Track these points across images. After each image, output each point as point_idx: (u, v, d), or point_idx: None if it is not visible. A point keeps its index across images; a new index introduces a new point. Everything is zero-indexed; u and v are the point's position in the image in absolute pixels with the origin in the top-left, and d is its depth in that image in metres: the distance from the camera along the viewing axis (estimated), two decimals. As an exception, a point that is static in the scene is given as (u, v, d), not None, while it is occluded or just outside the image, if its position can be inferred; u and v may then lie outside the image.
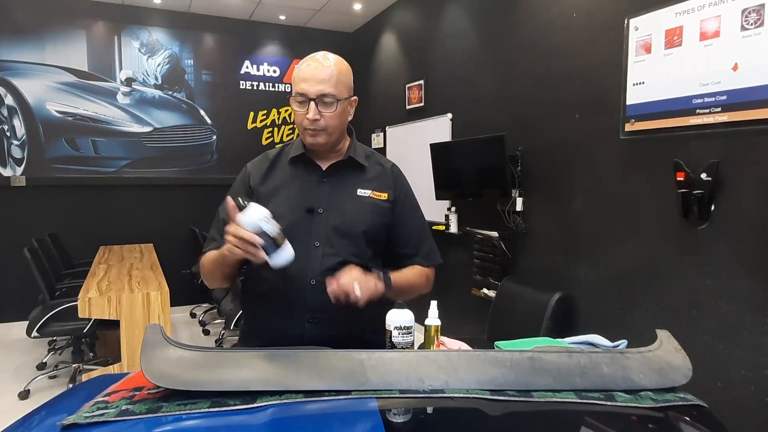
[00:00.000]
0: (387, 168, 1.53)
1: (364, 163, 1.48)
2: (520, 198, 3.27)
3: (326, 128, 1.37)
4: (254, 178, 1.48)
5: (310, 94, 1.34)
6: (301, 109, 1.36)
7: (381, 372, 0.94)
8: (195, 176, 5.41)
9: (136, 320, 3.05)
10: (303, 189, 1.44)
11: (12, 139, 4.73)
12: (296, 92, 1.36)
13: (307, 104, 1.35)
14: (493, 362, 0.97)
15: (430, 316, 1.28)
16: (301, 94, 1.35)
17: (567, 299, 2.84)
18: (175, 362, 0.92)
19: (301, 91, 1.34)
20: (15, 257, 3.87)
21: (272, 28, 5.69)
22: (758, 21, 1.97)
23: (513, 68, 3.41)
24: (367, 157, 1.51)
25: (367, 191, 1.46)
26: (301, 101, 1.35)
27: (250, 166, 1.52)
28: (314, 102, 1.34)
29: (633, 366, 0.98)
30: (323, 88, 1.34)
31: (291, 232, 1.36)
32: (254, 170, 1.50)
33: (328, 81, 1.35)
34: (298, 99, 1.36)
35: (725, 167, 2.12)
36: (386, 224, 1.47)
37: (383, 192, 1.47)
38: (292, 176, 1.46)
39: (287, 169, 1.48)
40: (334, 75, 1.36)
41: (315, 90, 1.34)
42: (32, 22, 4.75)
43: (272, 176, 1.47)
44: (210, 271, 1.45)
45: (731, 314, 2.14)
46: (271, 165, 1.49)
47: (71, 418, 0.82)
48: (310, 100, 1.34)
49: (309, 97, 1.34)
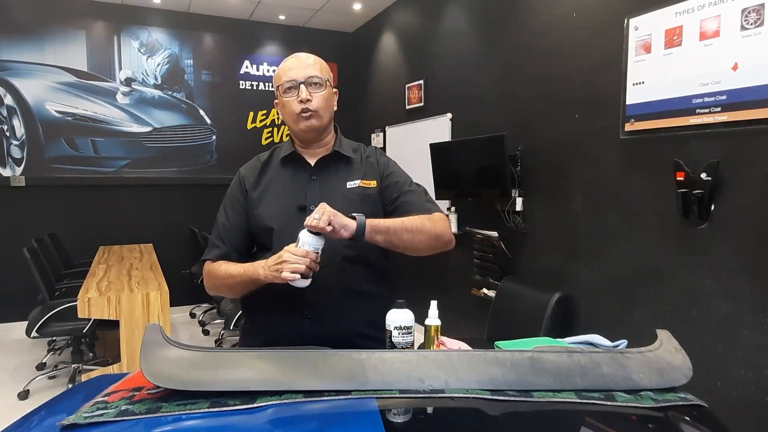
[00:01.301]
0: (372, 156, 1.53)
1: (351, 155, 1.50)
2: (519, 198, 3.27)
3: (317, 110, 1.41)
4: (248, 181, 1.50)
5: (299, 78, 1.40)
6: (291, 95, 1.40)
7: (381, 372, 0.94)
8: (194, 176, 5.41)
9: (136, 320, 3.04)
10: (293, 187, 1.46)
11: (11, 139, 4.73)
12: (284, 82, 1.41)
13: (297, 88, 1.39)
14: (493, 362, 0.97)
15: (430, 316, 1.28)
16: (289, 81, 1.40)
17: (567, 299, 2.84)
18: (175, 362, 0.92)
19: (290, 78, 1.40)
20: (14, 257, 3.87)
21: (272, 28, 5.69)
22: (758, 21, 1.97)
23: (513, 68, 3.41)
24: (354, 150, 1.53)
25: (356, 182, 1.47)
26: (290, 87, 1.40)
27: (243, 170, 1.54)
28: (303, 84, 1.39)
29: (633, 366, 0.98)
30: (310, 71, 1.41)
31: (284, 231, 1.38)
32: (248, 174, 1.52)
33: (313, 66, 1.43)
34: (286, 87, 1.41)
35: (725, 167, 2.12)
36: (380, 210, 1.47)
37: (372, 180, 1.48)
38: (283, 176, 1.48)
39: (278, 169, 1.50)
40: (317, 62, 1.45)
41: (303, 74, 1.40)
42: (32, 22, 4.74)
43: (264, 178, 1.50)
44: (226, 285, 1.44)
45: (731, 314, 2.14)
46: (263, 167, 1.51)
47: (71, 418, 0.82)
48: (300, 84, 1.39)
49: (298, 81, 1.39)
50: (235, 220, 1.49)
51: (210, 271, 1.47)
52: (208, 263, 1.49)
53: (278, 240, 1.39)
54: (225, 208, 1.52)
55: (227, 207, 1.52)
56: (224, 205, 1.53)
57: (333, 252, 1.36)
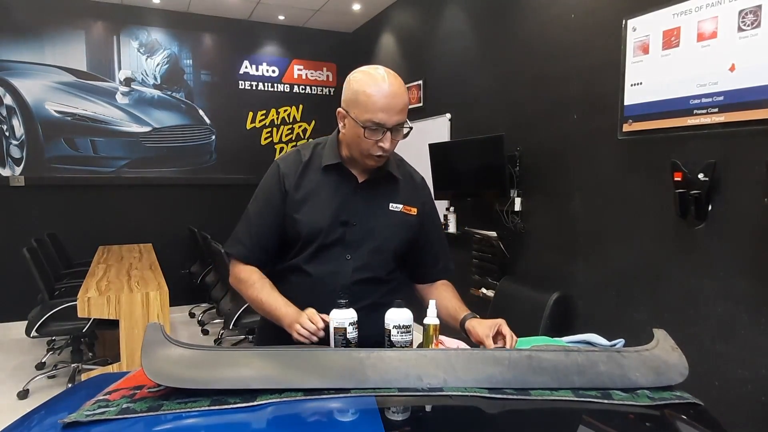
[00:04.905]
0: (417, 181, 1.53)
1: (398, 176, 1.46)
2: (518, 198, 3.27)
3: (389, 151, 1.37)
4: (289, 180, 1.43)
5: (388, 124, 1.30)
6: (374, 137, 1.31)
7: (380, 370, 0.94)
8: (194, 176, 5.41)
9: (136, 320, 3.05)
10: (337, 199, 1.41)
11: (11, 139, 4.73)
12: (371, 121, 1.30)
13: (382, 133, 1.31)
14: (491, 361, 0.98)
15: (428, 315, 1.28)
16: (377, 124, 1.30)
17: (565, 299, 2.85)
18: (176, 361, 0.93)
19: (380, 121, 1.29)
20: (14, 257, 3.87)
21: (271, 28, 5.69)
22: (755, 22, 1.98)
23: (511, 69, 3.42)
24: (399, 166, 1.50)
25: (399, 206, 1.45)
26: (375, 129, 1.31)
27: (283, 166, 1.45)
28: (391, 132, 1.31)
29: (630, 365, 0.99)
30: (400, 118, 1.32)
31: (323, 244, 1.39)
32: (288, 172, 1.44)
33: (404, 110, 1.32)
34: (370, 124, 1.30)
35: (722, 167, 2.12)
36: (413, 239, 1.49)
37: (413, 206, 1.47)
38: (327, 184, 1.43)
39: (320, 175, 1.43)
40: (407, 101, 1.34)
41: (394, 120, 1.30)
42: (31, 22, 4.74)
43: (306, 180, 1.43)
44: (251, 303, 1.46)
45: (728, 314, 2.15)
46: (304, 167, 1.44)
47: (72, 416, 0.83)
48: (388, 130, 1.31)
49: (387, 126, 1.30)
50: (267, 219, 1.44)
51: (240, 279, 1.45)
52: (237, 264, 1.46)
53: (316, 250, 1.40)
54: (259, 202, 1.46)
55: (262, 202, 1.46)
56: (258, 198, 1.47)
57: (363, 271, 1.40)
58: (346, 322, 1.24)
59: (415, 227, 1.48)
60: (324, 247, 1.39)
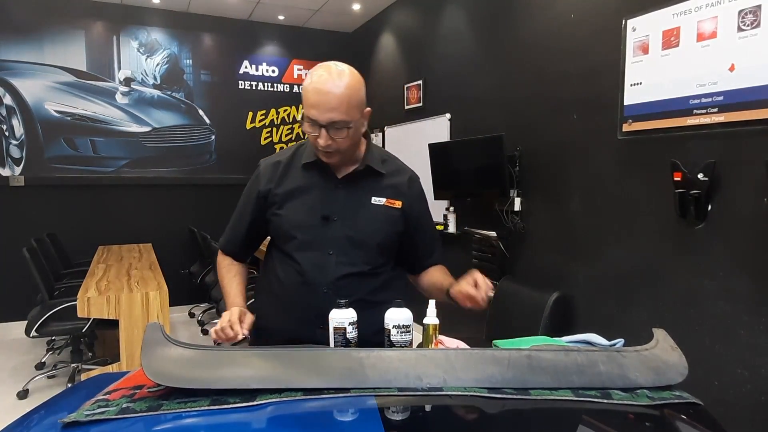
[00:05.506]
0: (406, 175, 1.53)
1: (380, 170, 1.46)
2: (518, 198, 3.27)
3: (339, 149, 1.35)
4: (264, 179, 1.47)
5: (320, 120, 1.28)
6: (313, 131, 1.31)
7: (380, 370, 0.94)
8: (194, 176, 5.41)
9: (135, 320, 3.05)
10: (318, 195, 1.43)
11: (10, 139, 4.73)
12: (307, 116, 1.30)
13: (318, 129, 1.30)
14: (491, 361, 0.98)
15: (428, 314, 1.28)
16: (311, 119, 1.29)
17: (565, 299, 2.85)
18: (176, 360, 0.93)
19: (311, 117, 1.29)
20: (14, 257, 3.87)
21: (271, 28, 5.69)
22: (755, 22, 1.98)
23: (511, 68, 3.42)
24: (383, 161, 1.49)
25: (382, 199, 1.45)
26: (312, 123, 1.30)
27: (263, 166, 1.51)
28: (325, 128, 1.29)
29: (629, 364, 0.99)
30: (333, 116, 1.27)
31: (305, 240, 1.40)
32: (266, 171, 1.48)
33: (338, 108, 1.27)
34: (308, 121, 1.30)
35: (722, 167, 2.13)
36: (399, 232, 1.48)
37: (397, 200, 1.47)
38: (308, 181, 1.44)
39: (301, 172, 1.45)
40: (345, 100, 1.28)
41: (326, 117, 1.28)
42: (31, 22, 4.74)
43: (289, 179, 1.45)
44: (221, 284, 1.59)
45: (727, 313, 2.15)
46: (287, 166, 1.47)
47: (72, 416, 0.83)
48: (321, 127, 1.29)
49: (319, 123, 1.29)
50: (244, 216, 1.53)
51: (219, 266, 1.60)
52: (219, 252, 1.60)
53: (298, 246, 1.42)
54: (241, 200, 1.55)
55: (242, 200, 1.55)
56: (242, 196, 1.56)
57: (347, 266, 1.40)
58: (346, 322, 1.24)
59: (399, 220, 1.47)
60: (306, 243, 1.40)
